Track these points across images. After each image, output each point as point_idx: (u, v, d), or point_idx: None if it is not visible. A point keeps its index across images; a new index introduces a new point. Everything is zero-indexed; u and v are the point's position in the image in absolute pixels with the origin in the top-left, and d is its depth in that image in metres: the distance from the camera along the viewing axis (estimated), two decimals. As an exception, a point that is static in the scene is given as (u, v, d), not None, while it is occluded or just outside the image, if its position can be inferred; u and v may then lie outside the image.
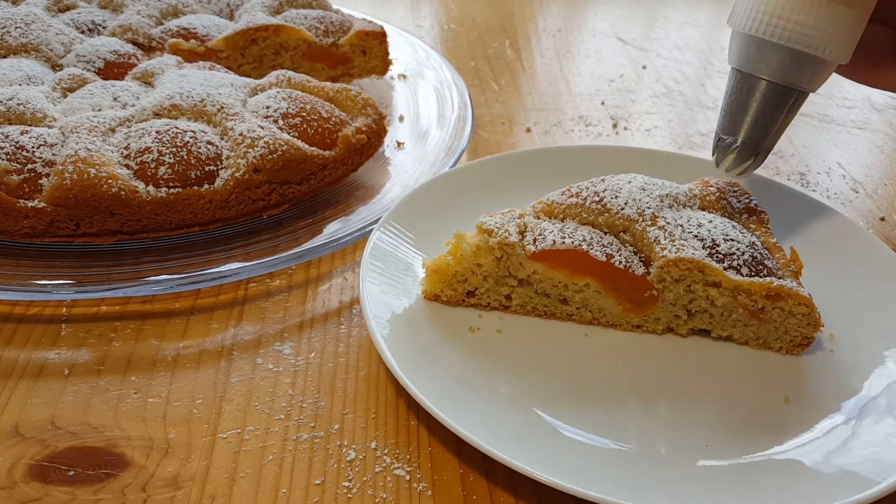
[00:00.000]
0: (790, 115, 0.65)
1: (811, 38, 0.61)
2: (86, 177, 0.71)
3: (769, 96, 0.64)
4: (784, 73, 0.63)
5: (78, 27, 1.00)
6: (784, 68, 0.63)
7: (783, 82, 0.63)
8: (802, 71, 0.63)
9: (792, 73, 0.63)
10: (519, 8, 1.52)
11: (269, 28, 1.01)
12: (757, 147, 0.66)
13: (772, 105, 0.64)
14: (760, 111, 0.65)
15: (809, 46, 0.61)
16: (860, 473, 0.54)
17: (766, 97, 0.64)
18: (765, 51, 0.63)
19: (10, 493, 0.54)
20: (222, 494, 0.55)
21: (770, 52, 0.63)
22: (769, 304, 0.65)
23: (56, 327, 0.69)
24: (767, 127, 0.65)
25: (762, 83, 0.64)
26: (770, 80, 0.63)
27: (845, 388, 0.63)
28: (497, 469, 0.57)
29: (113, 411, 0.61)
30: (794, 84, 0.63)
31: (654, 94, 1.20)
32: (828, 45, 0.61)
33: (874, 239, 0.76)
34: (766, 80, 0.64)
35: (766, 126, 0.65)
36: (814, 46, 0.61)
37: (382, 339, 0.61)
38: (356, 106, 0.88)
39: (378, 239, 0.72)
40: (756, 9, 0.62)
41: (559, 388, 0.62)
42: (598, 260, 0.66)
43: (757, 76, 0.64)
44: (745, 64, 0.65)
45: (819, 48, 0.61)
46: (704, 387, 0.64)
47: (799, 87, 0.64)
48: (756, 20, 0.62)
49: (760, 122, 0.65)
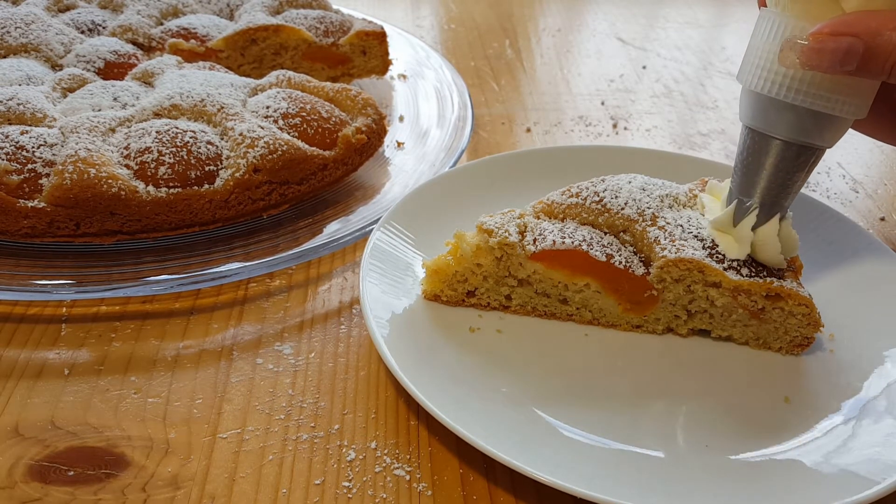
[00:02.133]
0: (809, 172, 0.62)
1: (829, 99, 0.58)
2: (86, 177, 0.71)
3: (786, 156, 0.61)
4: (801, 132, 0.60)
5: (78, 27, 1.00)
6: (801, 128, 0.60)
7: (800, 142, 0.60)
8: (821, 130, 0.60)
9: (809, 132, 0.60)
10: (519, 8, 1.52)
11: (269, 28, 1.01)
12: (775, 206, 0.63)
13: (789, 165, 0.61)
14: (777, 171, 0.62)
15: (826, 106, 0.58)
16: (860, 473, 0.54)
17: (782, 157, 0.61)
18: (780, 111, 0.60)
19: (10, 493, 0.54)
20: (222, 494, 0.55)
21: (785, 112, 0.59)
22: (769, 304, 0.65)
23: (56, 327, 0.69)
24: (786, 186, 0.62)
25: (777, 143, 0.61)
26: (787, 139, 0.60)
27: (845, 388, 0.63)
28: (497, 469, 0.57)
29: (113, 411, 0.61)
30: (811, 143, 0.60)
31: (654, 94, 1.20)
32: (845, 103, 0.58)
33: (874, 239, 0.76)
34: (783, 140, 0.61)
35: (783, 186, 0.62)
36: (830, 106, 0.58)
37: (382, 339, 0.61)
38: (356, 106, 0.89)
39: (378, 239, 0.72)
40: (768, 68, 0.59)
41: (559, 388, 0.62)
42: (598, 260, 0.66)
43: (773, 136, 0.61)
44: (759, 124, 0.61)
45: (836, 108, 0.58)
46: (704, 387, 0.64)
47: (816, 145, 0.61)
48: (769, 80, 0.59)
49: (778, 182, 0.62)
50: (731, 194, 0.65)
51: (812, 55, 0.56)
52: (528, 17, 1.48)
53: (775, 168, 0.62)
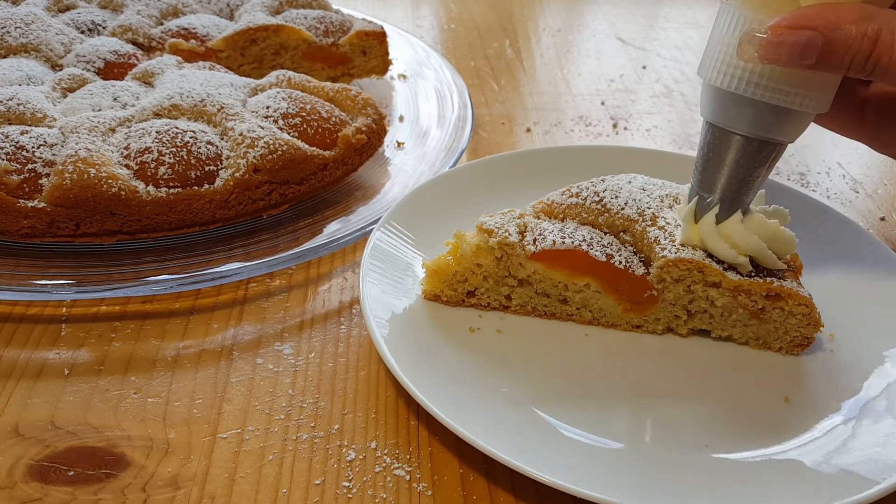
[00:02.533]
0: (770, 167, 0.61)
1: (788, 93, 0.57)
2: (86, 177, 0.71)
3: (747, 151, 0.60)
4: (761, 127, 0.59)
5: (78, 27, 1.00)
6: (761, 123, 0.59)
7: (760, 137, 0.59)
8: (781, 124, 0.59)
9: (770, 126, 0.59)
10: (519, 8, 1.52)
11: (269, 28, 1.01)
12: (736, 202, 0.62)
13: (750, 160, 0.60)
14: (738, 167, 0.61)
15: (786, 101, 0.57)
16: (860, 473, 0.54)
17: (743, 152, 0.60)
18: (740, 106, 0.58)
19: (10, 493, 0.54)
20: (222, 494, 0.55)
21: (746, 107, 0.58)
22: (769, 304, 0.65)
23: (56, 327, 0.69)
24: (746, 182, 0.61)
25: (739, 138, 0.60)
26: (747, 135, 0.59)
27: (845, 388, 0.63)
28: (497, 469, 0.57)
29: (113, 411, 0.61)
30: (772, 138, 0.59)
31: (654, 94, 1.20)
32: (806, 98, 0.57)
33: (874, 239, 0.76)
34: (743, 135, 0.59)
35: (744, 181, 0.61)
36: (790, 100, 0.57)
37: (382, 339, 0.61)
38: (356, 106, 0.89)
39: (378, 239, 0.72)
40: (728, 62, 0.57)
41: (559, 388, 0.62)
42: (598, 260, 0.66)
43: (733, 131, 0.60)
44: (719, 119, 0.60)
45: (796, 102, 0.57)
46: (704, 387, 0.63)
47: (777, 140, 0.60)
48: (728, 74, 0.58)
49: (739, 177, 0.61)
50: (692, 190, 0.65)
51: (770, 49, 0.55)
52: (528, 17, 1.48)
53: (735, 164, 0.61)
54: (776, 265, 0.64)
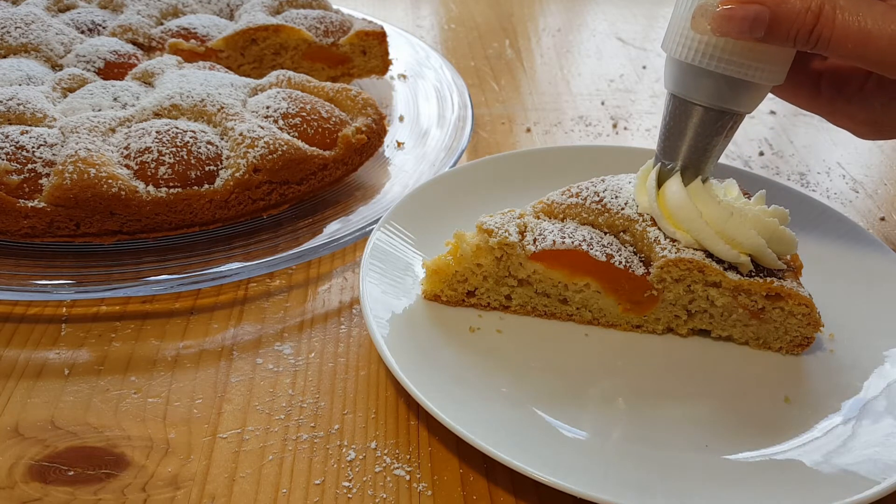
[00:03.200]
0: (728, 137, 0.64)
1: (742, 65, 0.60)
2: (86, 177, 0.71)
3: (705, 121, 0.63)
4: (719, 98, 0.62)
5: (78, 27, 1.00)
6: (718, 94, 0.62)
7: (718, 107, 0.62)
8: (737, 95, 0.62)
9: (727, 97, 0.62)
10: (519, 8, 1.52)
11: (269, 28, 1.01)
12: (697, 170, 0.65)
13: (708, 129, 0.63)
14: (697, 136, 0.64)
15: (741, 72, 0.60)
16: (860, 473, 0.54)
17: (702, 122, 0.63)
18: (698, 77, 0.62)
19: (10, 493, 0.54)
20: (222, 494, 0.55)
21: (704, 78, 0.62)
22: (769, 304, 0.65)
23: (56, 327, 0.69)
24: (706, 151, 0.64)
25: (698, 109, 0.63)
26: (705, 105, 0.63)
27: (845, 388, 0.63)
28: (497, 469, 0.57)
29: (113, 411, 0.61)
30: (730, 108, 0.62)
31: (654, 94, 1.20)
32: (759, 70, 0.60)
33: (874, 239, 0.76)
34: (702, 105, 0.63)
35: (704, 150, 0.64)
36: (744, 72, 0.60)
37: (382, 339, 0.61)
38: (356, 106, 0.89)
39: (378, 239, 0.72)
40: (688, 35, 0.61)
41: (559, 388, 0.62)
42: (598, 260, 0.66)
43: (692, 102, 0.63)
44: (679, 90, 0.63)
45: (750, 74, 0.60)
46: (704, 387, 0.64)
47: (734, 110, 0.63)
48: (687, 47, 0.61)
49: (699, 146, 0.64)
50: (656, 157, 0.67)
51: (721, 22, 0.58)
52: (528, 17, 1.48)
53: (695, 132, 0.64)
54: (776, 265, 0.64)
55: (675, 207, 0.65)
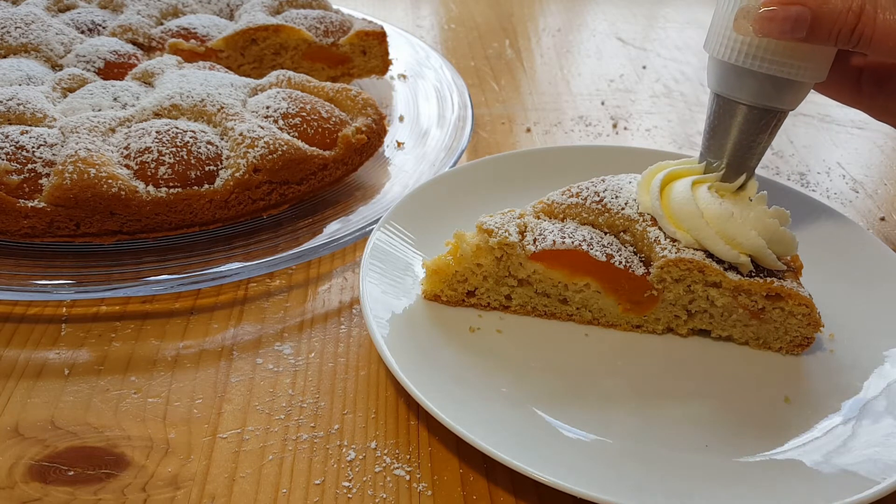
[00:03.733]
0: (772, 134, 0.66)
1: (785, 64, 0.61)
2: (86, 177, 0.71)
3: (750, 120, 0.64)
4: (763, 97, 0.63)
5: (78, 27, 1.00)
6: (762, 93, 0.63)
7: (762, 105, 0.64)
8: (780, 94, 0.63)
9: (770, 96, 0.63)
10: (519, 8, 1.52)
11: (269, 28, 1.01)
12: (742, 168, 0.66)
13: (753, 128, 0.65)
14: (742, 134, 0.65)
15: (783, 71, 0.62)
16: (860, 473, 0.54)
17: (746, 121, 0.65)
18: (742, 77, 0.63)
19: (10, 493, 0.54)
20: (222, 494, 0.55)
21: (747, 78, 0.63)
22: (769, 304, 0.65)
23: (56, 327, 0.69)
24: (751, 148, 0.66)
25: (742, 108, 0.64)
26: (750, 104, 0.64)
27: (845, 388, 0.63)
28: (497, 469, 0.57)
29: (113, 411, 0.61)
30: (774, 106, 0.64)
31: (654, 94, 1.20)
32: (802, 68, 0.62)
33: (874, 239, 0.76)
34: (746, 104, 0.64)
35: (748, 147, 0.66)
36: (787, 71, 0.62)
37: (382, 339, 0.61)
38: (356, 106, 0.89)
39: (378, 239, 0.72)
40: (730, 36, 0.62)
41: (559, 388, 0.62)
42: (598, 260, 0.66)
43: (737, 101, 0.64)
44: (723, 90, 0.65)
45: (793, 72, 0.62)
46: (704, 387, 0.64)
47: (778, 108, 0.64)
48: (730, 48, 0.62)
49: (744, 144, 0.65)
50: (701, 156, 0.68)
51: (763, 23, 0.60)
52: (528, 17, 1.48)
53: (740, 131, 0.65)
54: (776, 265, 0.64)
55: (677, 207, 0.65)
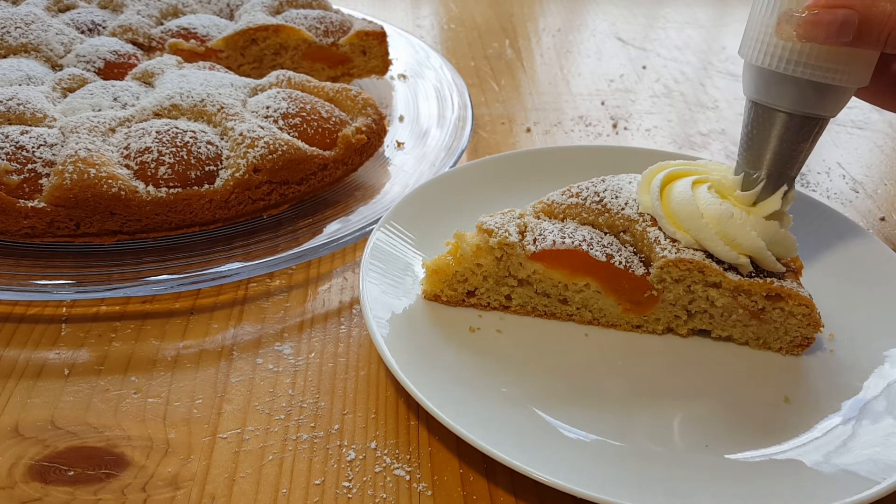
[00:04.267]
0: (814, 142, 0.63)
1: (829, 69, 0.59)
2: (86, 177, 0.71)
3: (790, 128, 0.62)
4: (804, 104, 0.61)
5: (78, 27, 1.00)
6: (803, 99, 0.60)
7: (803, 113, 0.61)
8: (822, 100, 0.60)
9: (811, 103, 0.60)
10: (519, 8, 1.52)
11: (269, 28, 1.01)
12: (782, 177, 0.64)
13: (794, 136, 0.62)
14: (783, 143, 0.62)
15: (826, 77, 0.59)
16: (860, 473, 0.54)
17: (787, 129, 0.62)
18: (782, 84, 0.60)
19: (10, 493, 0.54)
20: (222, 494, 0.55)
21: (787, 85, 0.60)
22: (769, 304, 0.65)
23: (56, 327, 0.69)
24: (792, 157, 0.63)
25: (782, 115, 0.61)
26: (790, 111, 0.61)
27: (845, 388, 0.63)
28: (497, 469, 0.57)
29: (113, 411, 0.61)
30: (815, 113, 0.61)
31: (654, 94, 1.20)
32: (844, 73, 0.59)
33: (874, 239, 0.76)
34: (786, 112, 0.61)
35: (790, 156, 0.63)
36: (830, 77, 0.59)
37: (382, 339, 0.61)
38: (356, 106, 0.89)
39: (378, 239, 0.72)
40: (768, 42, 0.59)
41: (559, 388, 0.62)
42: (598, 260, 0.66)
43: (776, 108, 0.62)
44: (762, 97, 0.62)
45: (836, 77, 0.59)
46: (704, 387, 0.64)
47: (820, 115, 0.61)
48: (769, 53, 0.60)
49: (784, 153, 0.63)
50: (738, 167, 0.66)
51: (808, 27, 0.57)
52: (528, 17, 1.48)
53: (780, 140, 0.62)
54: (776, 267, 0.64)
55: (677, 207, 0.65)
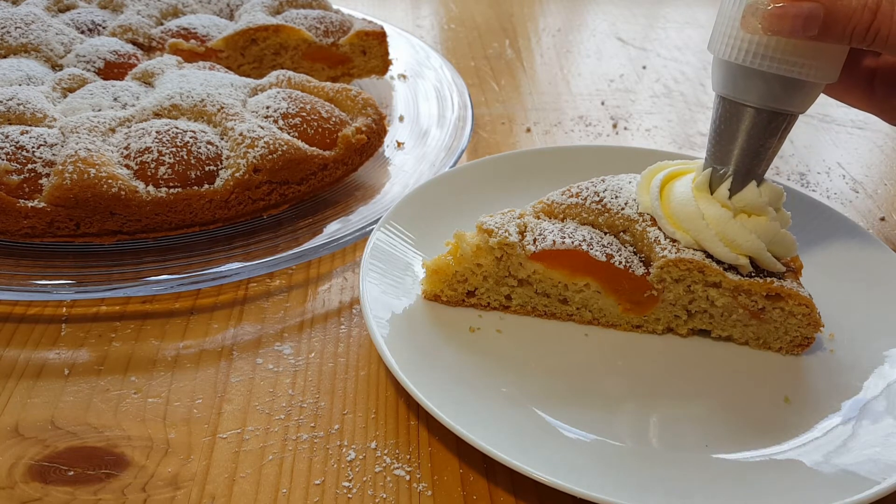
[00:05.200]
0: (782, 138, 0.62)
1: (795, 64, 0.58)
2: (86, 177, 0.71)
3: (758, 123, 0.61)
4: (772, 98, 0.60)
5: (78, 27, 1.00)
6: (770, 94, 0.60)
7: (771, 108, 0.61)
8: (790, 95, 0.60)
9: (779, 98, 0.60)
10: (519, 8, 1.52)
11: (269, 28, 1.01)
12: (750, 174, 0.63)
13: (762, 131, 0.61)
14: (750, 139, 0.62)
15: (793, 71, 0.58)
16: (860, 473, 0.54)
17: (754, 124, 0.61)
18: (749, 78, 0.60)
19: (10, 493, 0.54)
20: (222, 494, 0.55)
21: (755, 79, 0.60)
22: (769, 304, 0.65)
23: (56, 327, 0.69)
24: (759, 154, 0.63)
25: (749, 110, 0.61)
26: (758, 106, 0.61)
27: (845, 388, 0.63)
28: (497, 469, 0.57)
29: (113, 411, 0.61)
30: (783, 109, 0.61)
31: (654, 94, 1.20)
32: (813, 68, 0.59)
33: (874, 239, 0.76)
34: (754, 107, 0.61)
35: (757, 153, 0.62)
36: (797, 71, 0.58)
37: (382, 339, 0.61)
38: (356, 106, 0.89)
39: (378, 239, 0.72)
40: (735, 35, 0.59)
41: (559, 388, 0.62)
42: (598, 260, 0.66)
43: (744, 104, 0.61)
44: (729, 91, 0.61)
45: (803, 72, 0.58)
46: (704, 387, 0.64)
47: (788, 110, 0.61)
48: (736, 48, 0.59)
49: (752, 149, 0.62)
50: (706, 163, 0.65)
51: (773, 20, 0.56)
52: (528, 17, 1.48)
53: (747, 135, 0.62)
54: (775, 267, 0.64)
55: (677, 207, 0.65)
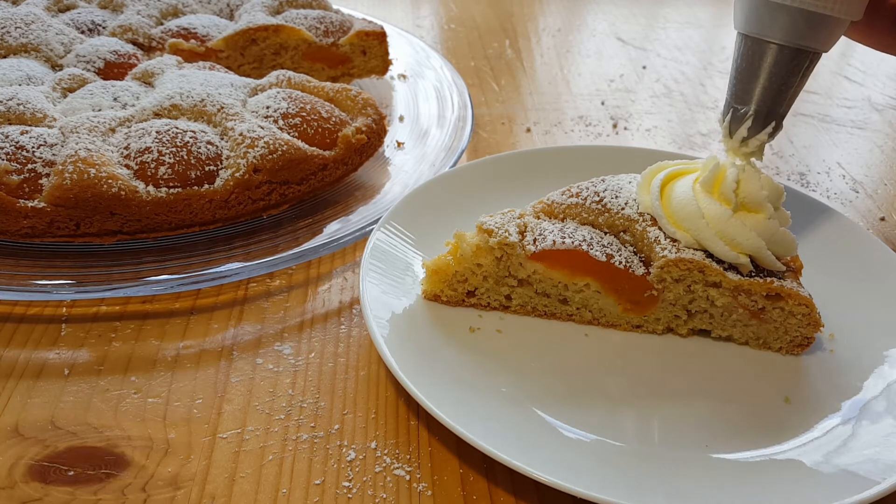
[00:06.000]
0: (804, 77, 0.62)
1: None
2: (86, 177, 0.71)
3: (781, 60, 0.60)
4: (795, 35, 0.59)
5: (78, 27, 1.00)
6: (795, 30, 0.59)
7: (795, 45, 0.60)
8: (815, 31, 0.59)
9: (804, 34, 0.59)
10: (519, 8, 1.52)
11: (269, 28, 1.01)
12: (771, 114, 0.62)
13: (785, 69, 0.61)
14: (773, 76, 0.61)
15: (818, 5, 0.58)
16: (860, 473, 0.54)
17: (777, 62, 0.60)
18: (773, 13, 0.59)
19: (10, 493, 0.54)
20: (222, 494, 0.55)
21: (779, 14, 0.59)
22: (769, 304, 0.65)
23: (56, 327, 0.69)
24: (781, 92, 0.62)
25: (773, 47, 0.60)
26: (781, 43, 0.60)
27: (845, 388, 0.63)
28: (497, 469, 0.57)
29: (113, 411, 0.61)
30: (807, 46, 0.60)
31: (654, 94, 1.20)
32: (836, 2, 0.58)
33: (874, 239, 0.76)
34: (777, 43, 0.60)
35: (779, 91, 0.61)
36: (822, 5, 0.58)
37: (382, 339, 0.61)
38: (356, 106, 0.89)
39: (378, 239, 0.72)
40: None
41: (559, 388, 0.62)
42: (598, 260, 0.66)
43: (767, 40, 0.60)
44: (752, 28, 0.61)
45: (828, 7, 0.58)
46: (704, 387, 0.64)
47: (812, 48, 0.60)
48: None
49: (774, 87, 0.61)
50: (727, 104, 0.65)
51: None
52: (528, 17, 1.48)
53: (770, 73, 0.61)
54: (775, 266, 0.64)
55: (677, 207, 0.65)
